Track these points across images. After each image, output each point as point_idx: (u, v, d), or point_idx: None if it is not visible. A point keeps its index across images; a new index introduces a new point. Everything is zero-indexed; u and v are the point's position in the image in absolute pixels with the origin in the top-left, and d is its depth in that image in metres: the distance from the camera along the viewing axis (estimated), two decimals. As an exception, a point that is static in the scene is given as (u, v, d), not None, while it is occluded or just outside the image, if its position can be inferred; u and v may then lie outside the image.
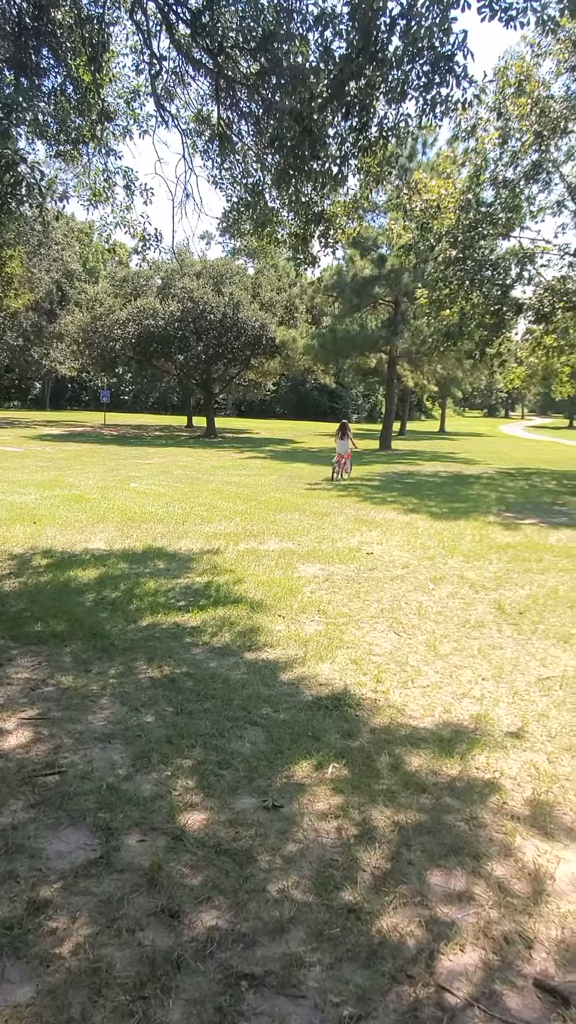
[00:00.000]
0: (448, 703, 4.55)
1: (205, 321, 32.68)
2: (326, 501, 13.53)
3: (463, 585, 7.52)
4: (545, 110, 15.44)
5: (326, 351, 30.64)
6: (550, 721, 4.34)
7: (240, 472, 19.08)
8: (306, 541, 9.54)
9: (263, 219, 8.63)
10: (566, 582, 7.79)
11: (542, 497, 15.62)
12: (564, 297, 17.83)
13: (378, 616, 6.34)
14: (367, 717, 4.30)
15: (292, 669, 5.00)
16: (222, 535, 9.70)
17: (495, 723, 4.28)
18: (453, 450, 35.88)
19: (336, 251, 8.05)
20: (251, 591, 6.96)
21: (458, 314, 18.68)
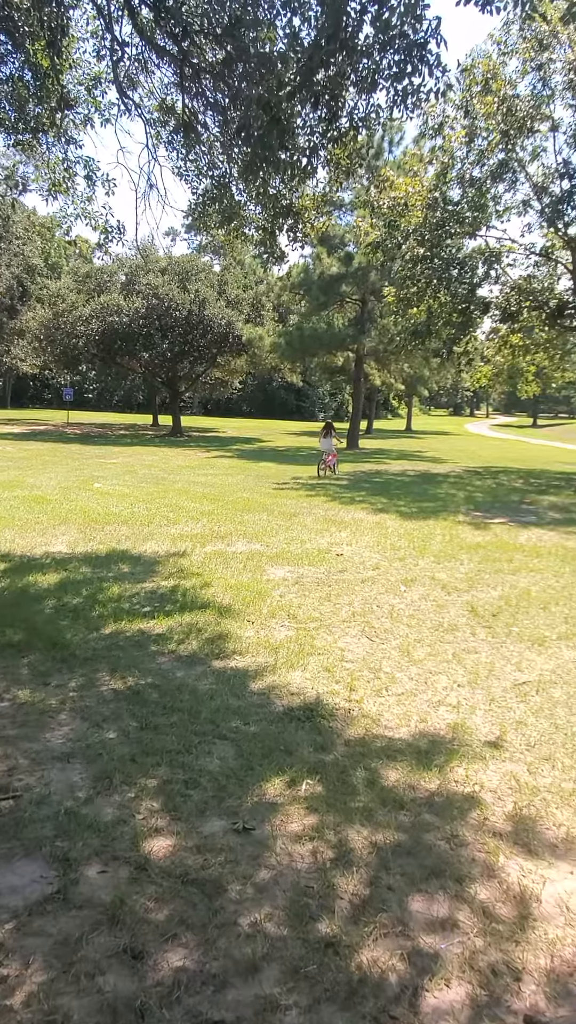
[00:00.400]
0: (424, 711, 4.40)
1: (170, 318, 32.28)
2: (294, 501, 13.36)
3: (435, 587, 7.41)
4: (511, 109, 15.47)
5: (293, 349, 30.48)
6: (528, 729, 4.21)
7: (207, 472, 18.82)
8: (275, 542, 9.35)
9: (230, 212, 8.41)
10: (537, 583, 7.73)
11: (510, 496, 15.67)
12: (530, 296, 17.91)
13: (350, 620, 6.18)
14: (341, 728, 4.13)
15: (262, 678, 4.81)
16: (188, 537, 9.46)
17: (473, 732, 4.15)
18: (420, 449, 36.03)
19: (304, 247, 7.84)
20: (219, 595, 6.75)
21: (425, 312, 18.67)
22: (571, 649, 5.62)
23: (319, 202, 7.25)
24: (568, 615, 6.53)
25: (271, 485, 16.07)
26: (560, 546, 9.76)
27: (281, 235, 7.69)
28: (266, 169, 6.02)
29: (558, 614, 6.55)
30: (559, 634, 5.96)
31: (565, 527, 11.43)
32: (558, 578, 7.94)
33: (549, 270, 20.09)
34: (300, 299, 31.68)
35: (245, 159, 6.21)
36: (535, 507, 13.83)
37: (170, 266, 35.47)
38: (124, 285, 35.85)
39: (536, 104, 15.58)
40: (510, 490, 17.04)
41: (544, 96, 15.67)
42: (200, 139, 8.33)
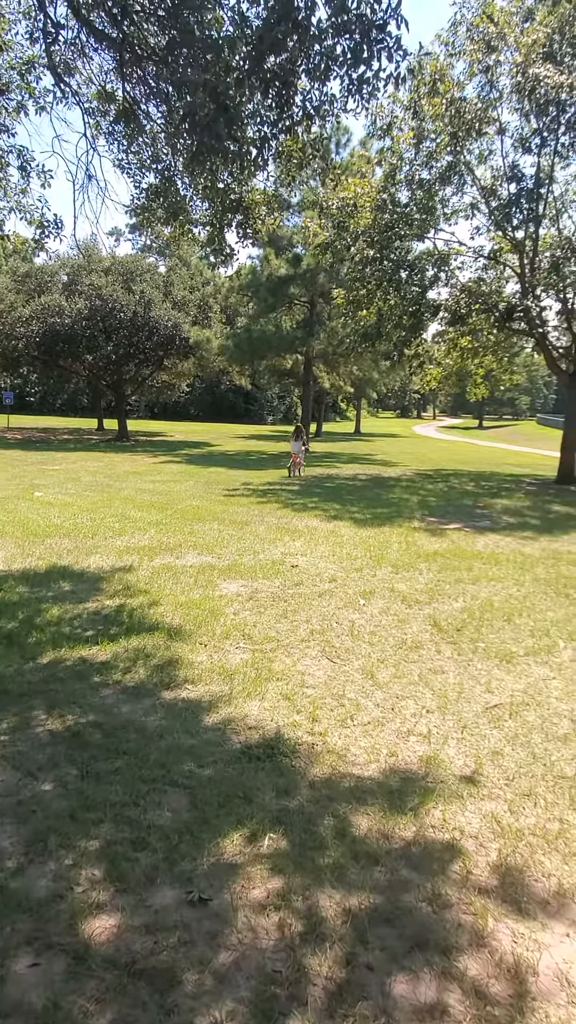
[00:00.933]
0: (393, 743, 4.07)
1: (115, 320, 31.46)
2: (245, 509, 12.96)
3: (395, 599, 7.12)
4: (459, 111, 15.40)
5: (241, 352, 30.08)
6: (504, 760, 3.92)
7: (154, 478, 18.26)
8: (226, 554, 8.94)
9: (175, 208, 7.99)
10: (499, 592, 7.52)
11: (462, 500, 15.59)
12: (479, 299, 17.92)
13: (308, 639, 5.82)
14: (304, 767, 3.76)
15: (217, 710, 4.41)
16: (135, 549, 8.97)
17: (447, 766, 3.83)
18: (370, 452, 36.00)
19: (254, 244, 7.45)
20: (168, 615, 6.32)
21: (375, 315, 18.52)
22: (540, 665, 5.38)
23: (270, 198, 6.90)
24: (533, 627, 6.31)
25: (221, 491, 15.64)
26: (518, 552, 9.61)
27: (230, 232, 7.32)
28: (214, 160, 5.64)
29: (523, 627, 6.33)
30: (526, 649, 5.72)
31: (520, 532, 11.33)
32: (519, 587, 7.75)
33: (497, 273, 20.18)
34: (248, 301, 31.34)
35: (191, 150, 5.81)
36: (489, 511, 13.75)
37: (114, 266, 34.59)
38: (66, 285, 34.81)
39: (484, 107, 15.56)
40: (462, 493, 16.99)
41: (491, 99, 15.67)
42: (143, 130, 7.89)
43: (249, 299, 31.26)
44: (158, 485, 16.50)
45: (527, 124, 16.82)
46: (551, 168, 16.80)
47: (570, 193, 19.20)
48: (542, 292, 18.91)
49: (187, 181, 7.98)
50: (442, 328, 20.95)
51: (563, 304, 19.28)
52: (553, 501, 15.75)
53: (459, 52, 15.71)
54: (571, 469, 19.60)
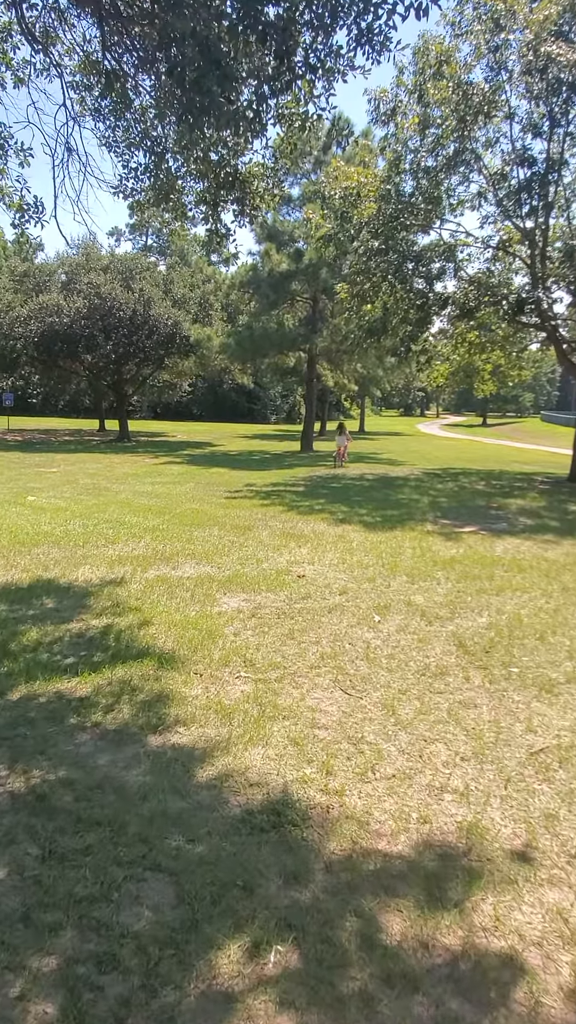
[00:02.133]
0: (425, 805, 3.38)
1: (114, 318, 30.77)
2: (248, 512, 12.26)
3: (413, 614, 6.42)
4: (467, 94, 14.68)
5: (243, 350, 29.35)
6: (561, 826, 3.23)
7: (154, 480, 17.58)
8: (227, 563, 8.25)
9: (167, 188, 7.30)
10: (526, 605, 6.82)
11: (475, 500, 14.86)
12: (488, 291, 17.19)
13: (319, 665, 5.13)
14: (319, 842, 3.07)
15: (212, 761, 3.72)
16: (129, 559, 8.29)
17: (492, 836, 3.14)
18: (375, 450, 35.28)
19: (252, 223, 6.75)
20: (160, 637, 5.63)
21: (381, 309, 17.81)
22: (585, 696, 4.68)
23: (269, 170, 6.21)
24: (571, 648, 5.61)
25: (223, 493, 14.95)
26: (540, 558, 8.90)
27: (226, 212, 6.63)
28: (205, 122, 4.95)
29: (559, 647, 5.63)
30: (567, 675, 5.02)
31: (540, 535, 10.61)
32: (547, 599, 7.05)
33: (506, 265, 19.45)
34: (249, 298, 30.60)
35: (179, 111, 5.12)
36: (504, 512, 13.03)
37: (112, 264, 33.95)
38: (64, 284, 34.16)
39: (492, 90, 14.82)
40: (473, 493, 16.27)
41: (500, 81, 14.94)
42: (130, 104, 7.21)
43: (250, 296, 30.51)
44: (157, 487, 15.82)
45: (537, 108, 16.08)
46: (562, 152, 16.06)
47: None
48: (553, 284, 18.20)
49: (179, 158, 7.31)
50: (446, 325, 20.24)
51: (574, 296, 18.56)
52: (569, 501, 15.02)
53: (466, 32, 14.97)
54: (585, 467, 18.86)
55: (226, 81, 4.95)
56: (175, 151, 6.99)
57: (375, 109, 16.07)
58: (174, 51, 5.12)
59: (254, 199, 6.30)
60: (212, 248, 62.62)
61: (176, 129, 5.88)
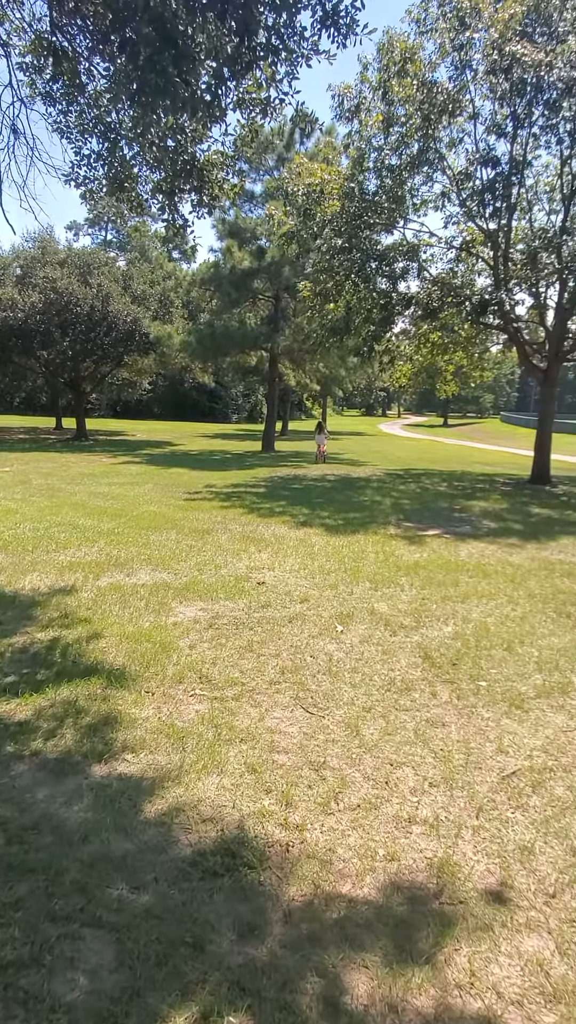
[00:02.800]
0: (392, 839, 3.13)
1: (71, 314, 30.03)
2: (207, 514, 11.93)
3: (377, 624, 6.19)
4: (431, 92, 14.55)
5: (204, 348, 28.91)
6: (537, 860, 3.01)
7: (111, 480, 17.11)
8: (184, 569, 7.93)
9: (121, 175, 6.94)
10: (492, 612, 6.65)
11: (437, 502, 14.76)
12: (451, 292, 17.13)
13: (278, 681, 4.86)
14: (277, 886, 2.80)
15: (162, 793, 3.42)
16: (81, 565, 7.91)
17: (465, 875, 2.91)
18: (337, 450, 35.18)
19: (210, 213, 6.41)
20: (111, 651, 5.29)
21: (344, 308, 17.62)
22: (557, 711, 4.50)
23: (229, 159, 5.92)
24: (539, 659, 5.44)
25: (182, 495, 14.58)
26: (506, 563, 8.77)
27: (184, 202, 6.31)
28: (160, 103, 4.64)
29: (527, 658, 5.45)
30: (537, 689, 4.84)
31: (504, 538, 10.51)
32: (514, 606, 6.89)
33: (469, 266, 19.43)
34: (211, 296, 30.17)
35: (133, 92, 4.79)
36: (467, 514, 12.94)
37: (69, 258, 33.16)
38: (19, 279, 33.26)
39: (457, 88, 14.72)
40: (436, 495, 16.18)
41: (465, 80, 14.84)
42: (83, 89, 6.84)
43: (212, 294, 30.08)
44: (114, 488, 15.37)
45: (501, 109, 16.04)
46: (525, 154, 16.06)
47: (542, 184, 18.55)
48: (515, 285, 18.24)
49: (135, 146, 6.96)
50: (409, 325, 20.16)
51: (536, 298, 18.64)
52: (531, 503, 15.02)
53: (431, 30, 14.85)
54: (545, 468, 18.96)
55: (182, 60, 4.65)
56: (130, 138, 6.64)
57: (339, 105, 15.86)
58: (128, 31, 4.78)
59: (212, 189, 6.00)
60: (169, 240, 61.76)
61: (130, 114, 5.53)
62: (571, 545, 10.05)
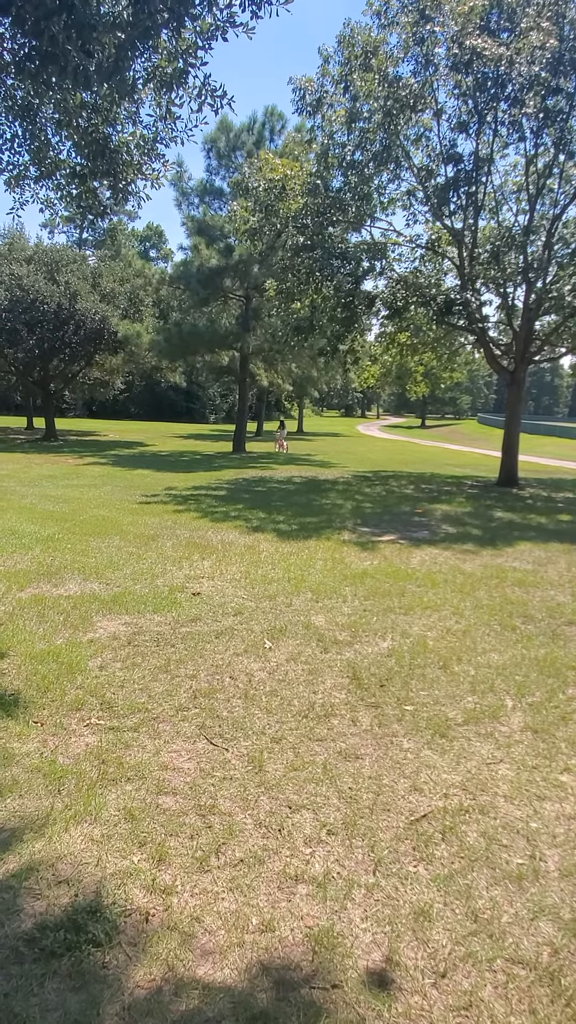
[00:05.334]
0: (272, 903, 2.74)
1: (37, 312, 29.44)
2: (158, 519, 11.49)
3: (309, 639, 5.81)
4: (394, 86, 14.22)
5: (172, 347, 28.43)
6: (433, 927, 2.63)
7: (69, 482, 16.61)
8: (118, 579, 7.50)
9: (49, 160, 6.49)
10: (434, 626, 6.29)
11: (400, 505, 14.43)
12: (417, 291, 16.83)
13: (188, 707, 4.46)
14: (122, 970, 2.39)
15: (19, 849, 3.00)
16: (6, 575, 7.44)
17: (346, 950, 2.52)
18: (310, 452, 34.84)
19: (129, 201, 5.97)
20: (10, 673, 4.86)
21: (308, 307, 17.26)
22: (483, 740, 4.14)
23: (148, 141, 5.50)
24: (474, 678, 5.08)
25: (138, 498, 14.13)
26: (457, 571, 8.44)
27: (102, 187, 5.88)
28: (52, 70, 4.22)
29: (462, 677, 5.09)
30: (466, 714, 4.48)
31: (460, 544, 10.19)
32: (458, 618, 6.54)
33: (436, 265, 19.16)
34: (181, 294, 29.67)
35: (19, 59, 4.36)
36: (427, 519, 12.61)
37: (36, 255, 32.52)
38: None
39: (421, 84, 14.38)
40: (400, 498, 15.86)
41: (428, 76, 14.51)
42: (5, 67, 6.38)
43: (182, 292, 29.58)
44: (70, 491, 14.88)
45: (465, 105, 15.75)
46: (491, 152, 15.79)
47: (509, 183, 18.31)
48: (481, 285, 17.99)
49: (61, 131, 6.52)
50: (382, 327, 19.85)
51: (503, 299, 18.41)
52: (495, 506, 14.75)
53: (392, 23, 14.51)
54: (512, 471, 18.74)
55: (81, 28, 4.23)
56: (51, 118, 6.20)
57: (300, 99, 15.48)
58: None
59: (128, 173, 5.59)
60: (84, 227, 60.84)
61: (18, 83, 5.09)
62: (527, 551, 9.75)
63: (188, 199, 28.43)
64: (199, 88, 4.61)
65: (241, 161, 27.18)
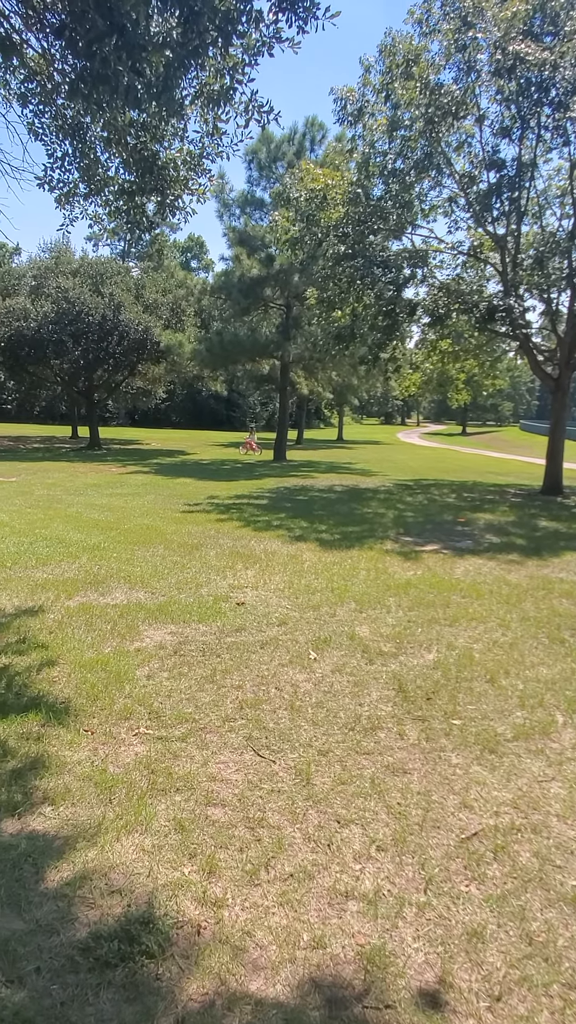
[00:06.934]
0: (323, 920, 2.73)
1: (83, 323, 30.04)
2: (201, 528, 11.59)
3: (354, 651, 5.79)
4: (435, 93, 14.18)
5: (214, 356, 28.68)
6: (487, 949, 2.59)
7: (113, 491, 16.86)
8: (163, 588, 7.58)
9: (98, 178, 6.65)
10: (480, 638, 6.21)
11: (442, 514, 14.29)
12: (459, 298, 16.69)
13: (234, 717, 4.48)
14: (176, 982, 2.41)
15: (73, 857, 3.05)
16: (55, 584, 7.59)
17: (399, 969, 2.50)
18: (350, 460, 34.76)
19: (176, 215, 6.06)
20: (60, 681, 4.95)
21: (349, 316, 17.27)
22: (534, 757, 4.06)
23: (195, 158, 5.59)
24: (523, 693, 5.00)
25: (181, 507, 14.27)
26: (502, 581, 8.32)
27: (149, 202, 5.99)
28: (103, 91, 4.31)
29: (511, 692, 5.02)
30: (515, 729, 4.40)
31: (505, 554, 10.04)
32: (504, 630, 6.45)
33: (478, 272, 18.99)
34: (222, 303, 29.95)
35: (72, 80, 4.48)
36: (470, 528, 12.46)
37: (82, 268, 33.21)
38: (33, 289, 33.38)
39: (463, 90, 14.31)
40: (443, 507, 15.71)
41: (470, 83, 14.43)
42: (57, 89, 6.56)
43: (223, 301, 29.86)
44: (114, 500, 15.10)
45: (508, 111, 15.61)
46: (534, 157, 15.62)
47: (553, 188, 18.07)
48: (525, 291, 17.77)
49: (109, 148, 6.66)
50: (423, 334, 19.75)
51: (547, 304, 18.15)
52: (540, 515, 14.50)
53: (433, 31, 14.49)
54: (557, 479, 18.40)
55: (132, 49, 4.32)
56: (99, 136, 6.35)
57: (341, 109, 15.55)
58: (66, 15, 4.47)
59: (176, 189, 5.68)
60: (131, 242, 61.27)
61: (69, 103, 5.22)
62: (575, 562, 9.56)
63: (229, 210, 28.72)
64: (246, 104, 4.68)
65: (282, 172, 27.39)
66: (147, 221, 6.18)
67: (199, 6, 3.98)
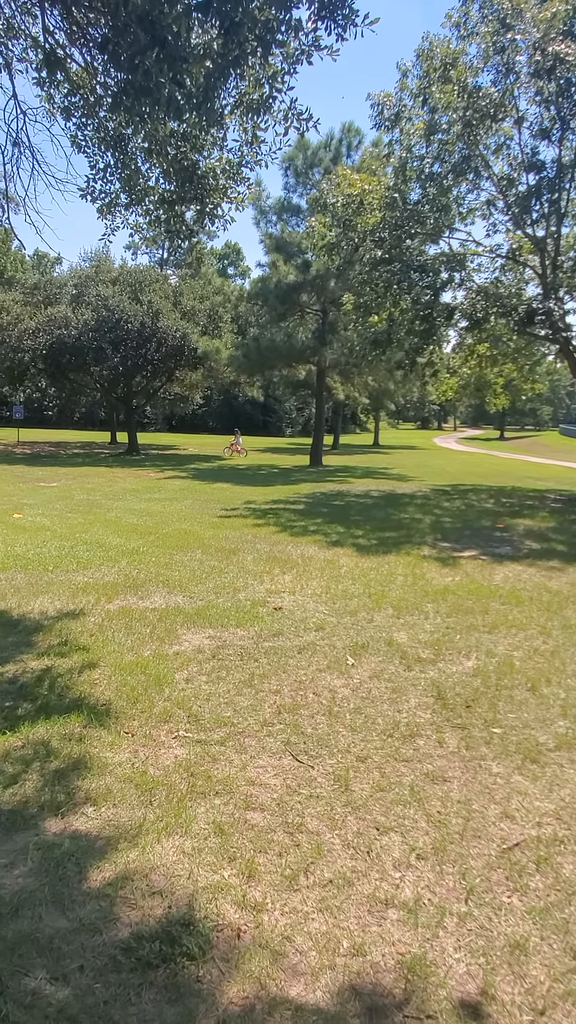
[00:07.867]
0: (362, 927, 2.72)
1: (122, 330, 30.50)
2: (238, 533, 11.66)
3: (392, 656, 5.76)
4: (473, 98, 14.09)
5: (250, 362, 28.86)
6: (530, 962, 2.55)
7: (152, 496, 17.05)
8: (201, 592, 7.64)
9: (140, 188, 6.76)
10: (521, 645, 6.12)
11: (481, 520, 14.14)
12: (497, 302, 16.53)
13: (272, 722, 4.49)
14: (216, 984, 2.42)
15: (115, 857, 3.08)
16: (95, 587, 7.71)
17: (440, 980, 2.47)
18: (387, 465, 34.61)
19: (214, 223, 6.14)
20: (101, 684, 5.02)
21: (386, 320, 17.22)
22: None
23: (235, 167, 5.64)
24: (566, 701, 4.92)
25: (218, 512, 14.37)
26: (543, 588, 8.19)
27: (188, 211, 6.07)
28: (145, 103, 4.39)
29: (552, 700, 4.94)
30: (557, 739, 4.33)
31: (545, 560, 9.89)
32: (545, 638, 6.35)
33: (517, 275, 18.78)
34: (259, 309, 30.14)
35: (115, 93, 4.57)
36: (509, 534, 12.30)
37: (121, 276, 33.73)
38: (74, 297, 34.02)
39: (502, 92, 14.21)
40: (480, 512, 15.53)
41: (508, 84, 14.32)
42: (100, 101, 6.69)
43: (260, 308, 30.05)
44: (152, 504, 15.28)
45: (547, 112, 15.44)
46: (574, 158, 15.40)
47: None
48: (565, 294, 17.51)
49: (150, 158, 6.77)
50: (460, 338, 19.60)
51: (589, 307, 17.87)
52: (582, 521, 14.24)
53: (472, 34, 14.41)
54: (601, 484, 18.06)
55: (173, 62, 4.39)
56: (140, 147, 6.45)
57: (378, 114, 15.55)
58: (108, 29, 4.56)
59: (215, 198, 5.74)
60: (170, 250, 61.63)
61: (111, 115, 5.31)
62: (619, 569, 9.37)
63: (266, 217, 28.89)
64: (285, 112, 4.71)
65: (318, 178, 27.47)
66: (186, 229, 6.26)
67: (239, 17, 4.03)
